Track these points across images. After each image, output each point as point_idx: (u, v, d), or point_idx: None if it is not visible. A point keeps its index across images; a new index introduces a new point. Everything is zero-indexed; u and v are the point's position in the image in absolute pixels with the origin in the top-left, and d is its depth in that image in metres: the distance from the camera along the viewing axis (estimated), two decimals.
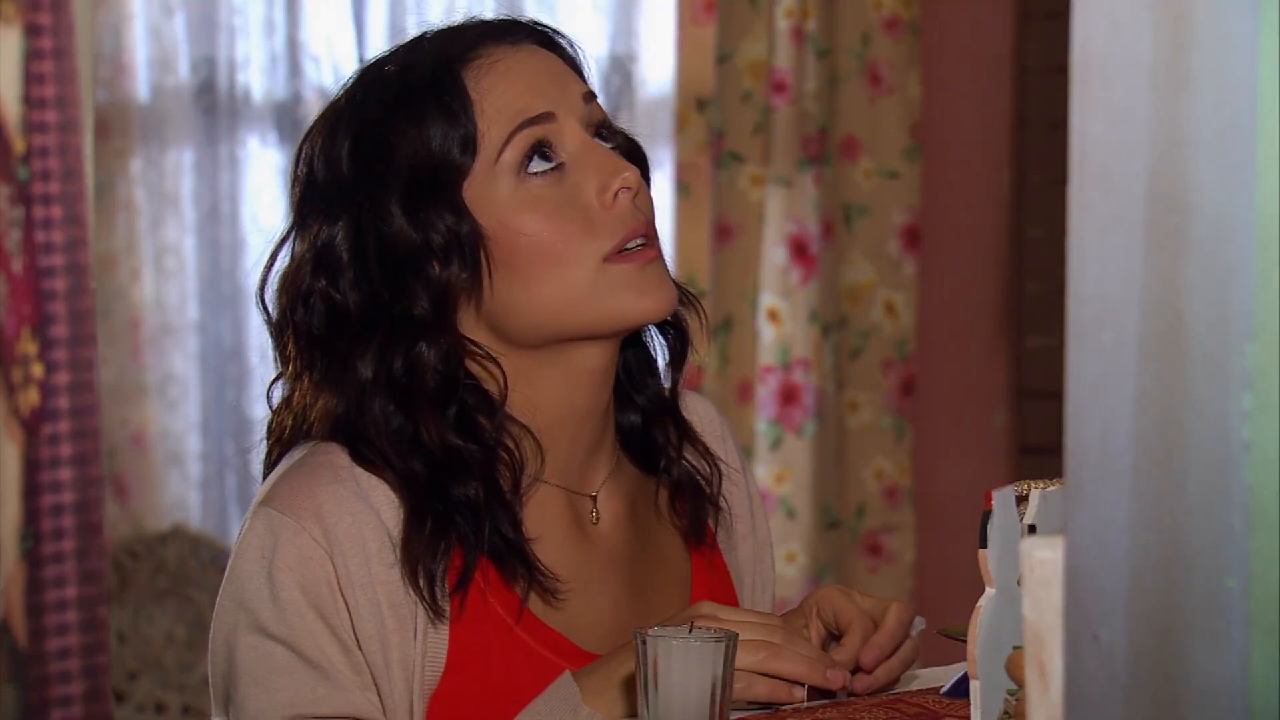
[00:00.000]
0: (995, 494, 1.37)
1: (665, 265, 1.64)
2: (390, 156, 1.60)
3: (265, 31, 3.77)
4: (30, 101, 3.16)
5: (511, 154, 1.59)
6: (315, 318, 1.62)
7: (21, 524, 3.16)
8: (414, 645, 1.56)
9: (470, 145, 1.59)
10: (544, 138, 1.60)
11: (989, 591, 1.36)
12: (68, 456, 3.09)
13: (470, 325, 1.63)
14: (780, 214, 3.93)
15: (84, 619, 3.14)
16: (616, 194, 1.60)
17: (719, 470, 1.76)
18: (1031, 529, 1.36)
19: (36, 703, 3.17)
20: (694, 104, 3.91)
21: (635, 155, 1.70)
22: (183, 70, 3.74)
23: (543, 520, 1.64)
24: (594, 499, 1.69)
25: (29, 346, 3.19)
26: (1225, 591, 0.79)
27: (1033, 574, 0.94)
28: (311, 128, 1.67)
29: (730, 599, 1.76)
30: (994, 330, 4.24)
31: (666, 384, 1.76)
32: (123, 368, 3.71)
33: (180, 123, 3.74)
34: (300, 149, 1.67)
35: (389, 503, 1.57)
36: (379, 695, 1.56)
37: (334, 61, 3.79)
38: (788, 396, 3.94)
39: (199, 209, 3.77)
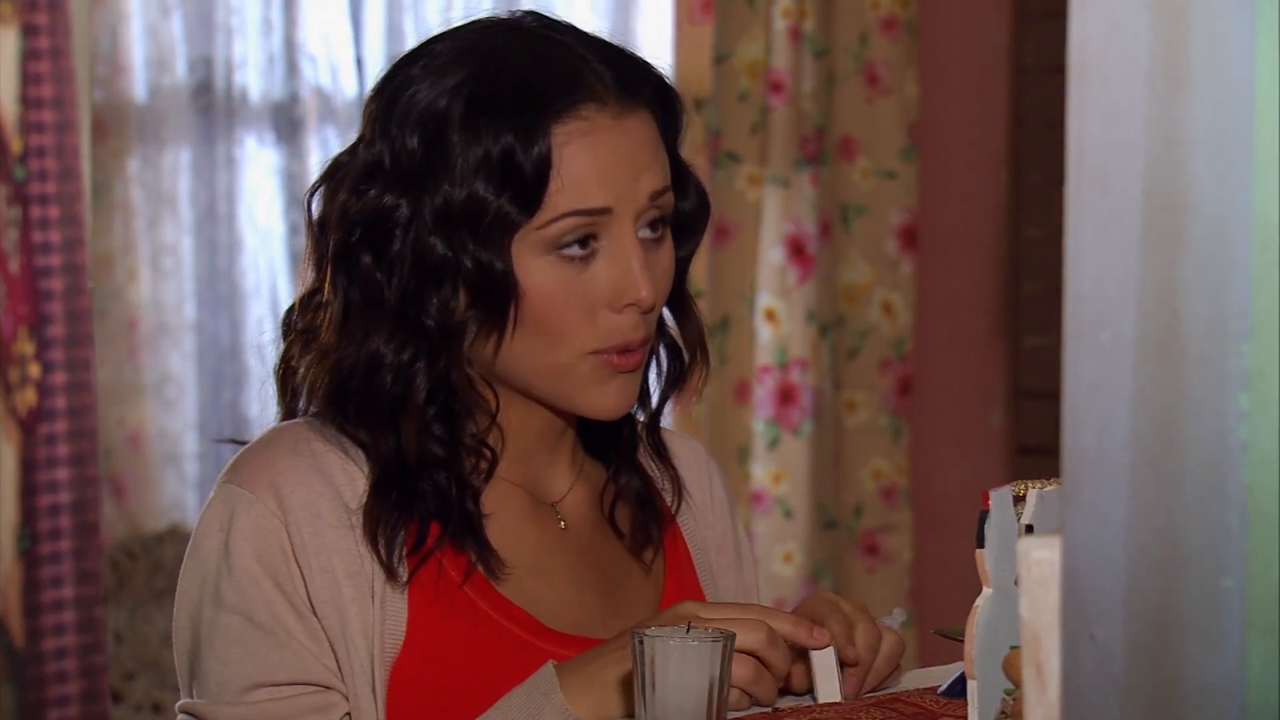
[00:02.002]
0: (992, 494, 1.37)
1: (639, 375, 1.67)
2: (457, 176, 1.59)
3: (262, 31, 3.77)
4: (27, 101, 3.16)
5: (554, 231, 1.60)
6: (357, 273, 1.62)
7: (18, 524, 3.16)
8: (372, 611, 1.59)
9: (530, 209, 1.59)
10: (591, 231, 1.61)
11: (986, 591, 1.36)
12: (65, 456, 3.09)
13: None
14: (778, 214, 3.93)
15: (81, 619, 3.14)
16: (627, 306, 1.62)
17: (679, 485, 1.79)
18: (1029, 529, 1.37)
19: (33, 703, 3.16)
20: (691, 104, 3.91)
21: (702, 210, 1.72)
22: (180, 70, 3.73)
23: (497, 503, 1.67)
24: (557, 504, 1.72)
25: (26, 346, 3.19)
26: (1222, 591, 0.79)
27: (1030, 574, 0.94)
28: (419, 57, 1.64)
29: (694, 580, 1.78)
30: (991, 330, 4.24)
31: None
32: (119, 367, 3.71)
33: (177, 122, 3.74)
34: (399, 71, 1.64)
35: (346, 477, 1.61)
36: (337, 663, 1.58)
37: (331, 61, 3.79)
38: (785, 396, 3.94)
39: (196, 209, 3.77)
